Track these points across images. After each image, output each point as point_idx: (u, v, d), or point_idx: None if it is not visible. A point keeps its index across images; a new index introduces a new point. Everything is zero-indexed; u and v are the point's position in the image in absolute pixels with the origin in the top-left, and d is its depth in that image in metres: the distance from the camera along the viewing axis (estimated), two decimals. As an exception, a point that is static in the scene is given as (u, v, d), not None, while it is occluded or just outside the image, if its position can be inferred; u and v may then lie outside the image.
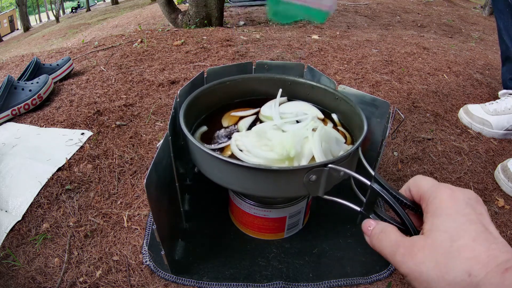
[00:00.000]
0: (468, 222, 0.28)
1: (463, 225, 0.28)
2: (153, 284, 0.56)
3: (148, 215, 0.69)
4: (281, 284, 0.56)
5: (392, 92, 1.20)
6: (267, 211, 0.60)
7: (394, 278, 0.59)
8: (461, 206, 0.29)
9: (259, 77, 0.69)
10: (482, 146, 0.96)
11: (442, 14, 2.82)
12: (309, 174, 0.44)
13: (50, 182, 0.75)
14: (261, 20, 2.59)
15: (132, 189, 0.75)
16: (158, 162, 0.47)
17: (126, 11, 6.34)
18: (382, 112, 0.59)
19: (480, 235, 0.27)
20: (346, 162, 0.48)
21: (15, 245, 0.63)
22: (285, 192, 0.48)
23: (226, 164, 0.45)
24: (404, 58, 1.51)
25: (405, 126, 1.02)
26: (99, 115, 0.99)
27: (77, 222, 0.67)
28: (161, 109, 1.04)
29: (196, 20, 2.24)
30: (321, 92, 0.66)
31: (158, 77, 1.24)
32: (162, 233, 0.49)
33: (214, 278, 0.57)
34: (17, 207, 0.70)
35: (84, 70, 1.35)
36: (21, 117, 1.01)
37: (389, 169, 0.85)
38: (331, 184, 0.47)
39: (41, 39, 5.72)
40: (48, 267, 0.59)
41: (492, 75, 1.43)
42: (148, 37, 1.71)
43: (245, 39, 1.68)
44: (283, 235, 0.65)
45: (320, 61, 1.43)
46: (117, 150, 0.86)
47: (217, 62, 1.38)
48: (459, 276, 0.26)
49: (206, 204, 0.72)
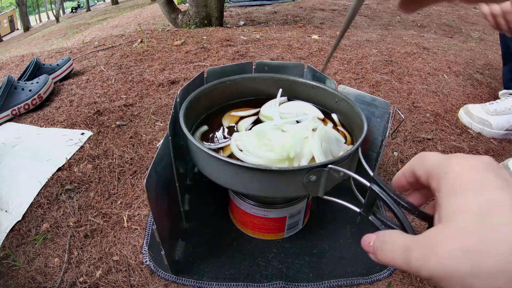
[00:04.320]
0: (497, 192, 0.22)
1: (491, 197, 0.22)
2: (153, 284, 0.56)
3: (148, 215, 0.69)
4: (281, 284, 0.56)
5: (392, 92, 1.20)
6: (267, 211, 0.60)
7: (394, 278, 0.59)
8: (481, 175, 0.24)
9: (259, 77, 0.69)
10: (482, 146, 0.96)
11: (442, 14, 2.82)
12: (309, 174, 0.44)
13: (50, 182, 0.75)
14: (261, 20, 2.60)
15: (132, 189, 0.75)
16: (158, 162, 0.47)
17: (126, 11, 6.34)
18: (382, 112, 0.59)
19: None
20: (346, 163, 0.48)
21: (15, 245, 0.63)
22: (285, 192, 0.48)
23: (226, 164, 0.45)
24: (404, 58, 1.51)
25: (405, 126, 1.02)
26: (99, 115, 0.99)
27: (77, 222, 0.67)
28: (161, 109, 1.04)
29: (196, 20, 2.24)
30: (321, 92, 0.66)
31: (158, 77, 1.24)
32: (162, 233, 0.49)
33: (214, 278, 0.57)
34: (17, 207, 0.70)
35: (84, 70, 1.35)
36: (21, 117, 1.01)
37: (389, 169, 0.85)
38: (331, 184, 0.47)
39: (41, 39, 5.72)
40: (48, 267, 0.59)
41: (492, 75, 1.43)
42: (148, 37, 1.71)
43: (245, 39, 1.68)
44: (283, 235, 0.65)
45: (320, 61, 1.43)
46: (117, 150, 0.86)
47: (217, 62, 1.38)
48: (502, 260, 0.20)
49: (206, 204, 0.72)
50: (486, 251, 0.21)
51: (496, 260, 0.20)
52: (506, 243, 0.20)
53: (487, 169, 0.24)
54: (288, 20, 2.59)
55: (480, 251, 0.21)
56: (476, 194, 0.23)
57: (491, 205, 0.22)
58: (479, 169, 0.24)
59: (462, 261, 0.21)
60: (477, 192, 0.23)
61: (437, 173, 0.26)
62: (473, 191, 0.23)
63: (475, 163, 0.24)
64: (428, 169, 0.27)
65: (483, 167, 0.24)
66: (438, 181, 0.26)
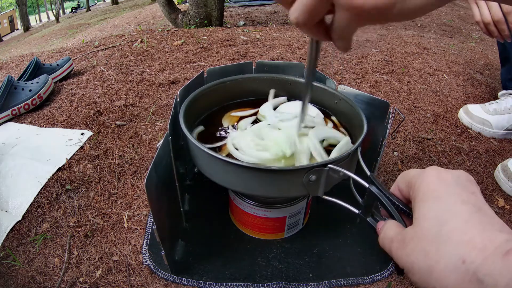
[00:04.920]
0: (459, 203, 0.25)
1: (452, 207, 0.25)
2: (153, 284, 0.56)
3: (148, 215, 0.69)
4: (281, 284, 0.56)
5: (392, 92, 1.20)
6: (267, 211, 0.60)
7: (394, 278, 0.59)
8: (449, 186, 0.27)
9: (259, 77, 0.69)
10: (482, 146, 0.96)
11: (442, 14, 2.82)
12: (309, 174, 0.44)
13: (50, 182, 0.75)
14: (261, 20, 2.60)
15: (132, 189, 0.75)
16: (158, 162, 0.47)
17: (126, 11, 6.34)
18: (382, 112, 0.59)
19: (473, 216, 0.24)
20: (346, 163, 0.48)
21: (15, 245, 0.63)
22: (285, 192, 0.48)
23: (226, 164, 0.45)
24: (404, 58, 1.51)
25: (405, 126, 1.02)
26: (99, 115, 0.99)
27: (77, 222, 0.67)
28: (161, 109, 1.04)
29: (196, 20, 2.24)
30: (321, 92, 0.66)
31: (158, 77, 1.24)
32: (162, 233, 0.49)
33: (214, 278, 0.57)
34: (17, 207, 0.70)
35: (84, 70, 1.35)
36: (21, 117, 1.01)
37: (389, 169, 0.85)
38: (331, 184, 0.47)
39: (41, 39, 5.72)
40: (48, 267, 0.59)
41: (492, 75, 1.43)
42: (148, 37, 1.71)
43: (245, 39, 1.68)
44: (283, 235, 0.65)
45: (320, 61, 1.43)
46: (117, 150, 0.86)
47: (217, 62, 1.38)
48: (451, 264, 0.23)
49: (206, 204, 0.72)
50: (440, 253, 0.24)
51: (445, 263, 0.23)
52: (455, 247, 0.23)
53: (456, 182, 0.27)
54: (288, 20, 2.59)
55: (436, 252, 0.24)
56: (440, 203, 0.26)
57: (451, 213, 0.25)
58: (448, 182, 0.27)
59: (421, 259, 0.25)
60: (441, 202, 0.26)
61: (413, 184, 0.30)
62: (439, 200, 0.26)
63: (446, 176, 0.28)
64: (407, 181, 0.31)
65: (453, 180, 0.27)
66: (413, 190, 0.29)
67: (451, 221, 0.25)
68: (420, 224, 0.26)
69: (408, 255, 0.26)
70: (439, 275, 0.24)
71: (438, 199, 0.26)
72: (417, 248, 0.26)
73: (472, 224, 0.24)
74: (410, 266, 0.26)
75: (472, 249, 0.23)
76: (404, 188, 0.32)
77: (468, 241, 0.23)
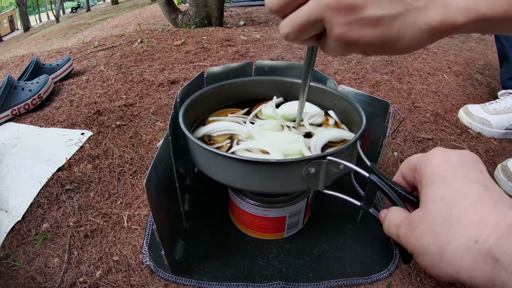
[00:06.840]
0: (467, 183, 0.25)
1: (461, 188, 0.25)
2: (153, 284, 0.56)
3: (148, 215, 0.69)
4: (281, 284, 0.56)
5: (392, 92, 1.20)
6: (267, 211, 0.60)
7: (394, 278, 0.59)
8: (456, 167, 0.26)
9: (259, 80, 0.69)
10: (482, 146, 0.96)
11: (442, 14, 2.82)
12: (308, 166, 0.44)
13: (50, 182, 0.75)
14: (261, 20, 2.60)
15: (132, 189, 0.75)
16: (158, 162, 0.47)
17: (126, 11, 6.35)
18: (382, 112, 0.59)
19: (482, 195, 0.24)
20: (345, 155, 0.48)
21: (15, 245, 0.63)
22: (285, 186, 0.48)
23: (225, 159, 0.45)
24: (404, 58, 1.51)
25: (405, 126, 1.02)
26: (99, 115, 0.99)
27: (77, 222, 0.67)
28: (161, 109, 1.04)
29: (196, 20, 2.24)
30: (320, 92, 0.66)
31: (158, 77, 1.24)
32: (162, 233, 0.49)
33: (214, 278, 0.57)
34: (17, 207, 0.70)
35: (84, 70, 1.35)
36: (21, 117, 1.01)
37: (389, 169, 0.85)
38: (331, 178, 0.47)
39: (41, 39, 5.72)
40: (48, 267, 0.59)
41: (492, 75, 1.43)
42: (148, 37, 1.71)
43: (245, 39, 1.68)
44: (283, 235, 0.65)
45: (320, 61, 1.43)
46: (117, 150, 0.86)
47: (217, 62, 1.38)
48: (463, 245, 0.22)
49: (206, 204, 0.72)
50: (451, 235, 0.23)
51: (457, 244, 0.23)
52: (467, 228, 0.23)
53: (462, 162, 0.26)
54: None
55: (446, 234, 0.23)
56: (448, 184, 0.25)
57: (460, 194, 0.24)
58: (454, 162, 0.26)
59: (431, 242, 0.24)
60: (449, 182, 0.25)
61: (418, 167, 0.29)
62: (446, 181, 0.25)
63: (452, 157, 0.27)
64: (411, 166, 0.30)
65: (459, 160, 0.26)
66: (419, 173, 0.29)
67: (460, 202, 0.24)
68: (428, 206, 0.26)
69: (417, 239, 0.26)
70: (451, 257, 0.23)
71: (445, 180, 0.26)
72: (427, 231, 0.25)
73: (482, 203, 0.23)
74: (420, 250, 0.25)
75: (485, 228, 0.22)
76: (408, 173, 0.31)
77: (479, 221, 0.23)
